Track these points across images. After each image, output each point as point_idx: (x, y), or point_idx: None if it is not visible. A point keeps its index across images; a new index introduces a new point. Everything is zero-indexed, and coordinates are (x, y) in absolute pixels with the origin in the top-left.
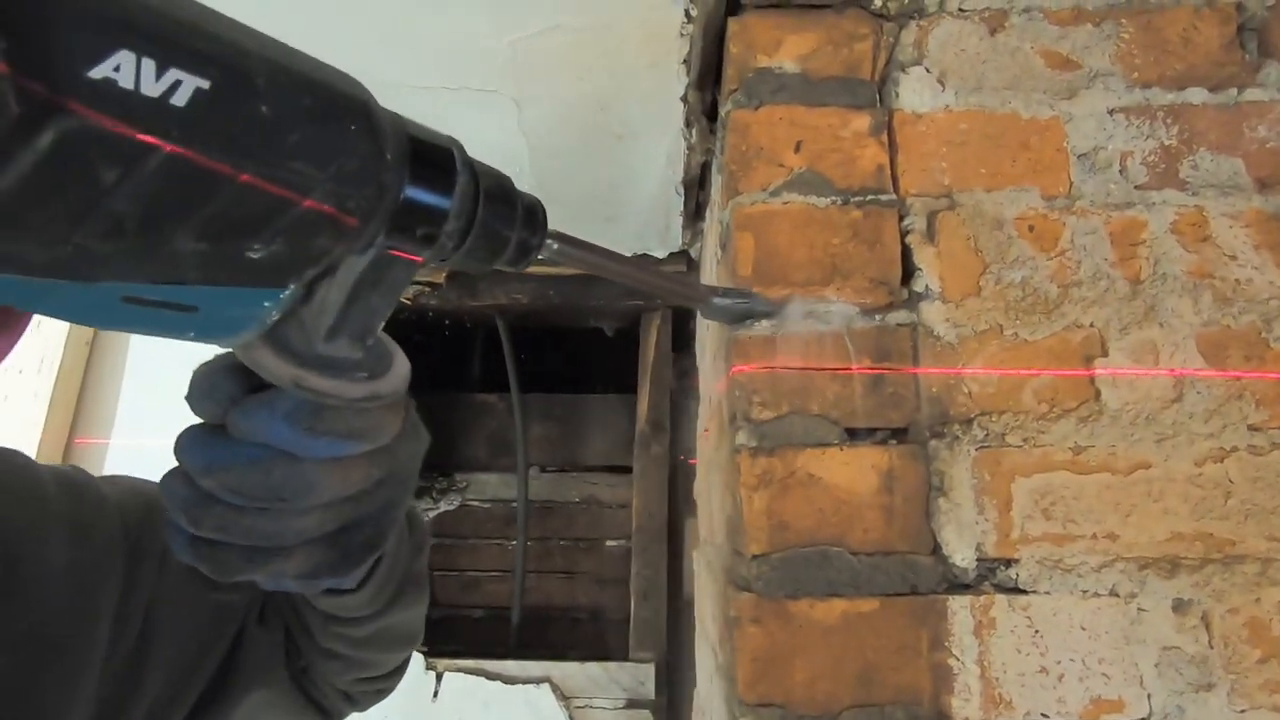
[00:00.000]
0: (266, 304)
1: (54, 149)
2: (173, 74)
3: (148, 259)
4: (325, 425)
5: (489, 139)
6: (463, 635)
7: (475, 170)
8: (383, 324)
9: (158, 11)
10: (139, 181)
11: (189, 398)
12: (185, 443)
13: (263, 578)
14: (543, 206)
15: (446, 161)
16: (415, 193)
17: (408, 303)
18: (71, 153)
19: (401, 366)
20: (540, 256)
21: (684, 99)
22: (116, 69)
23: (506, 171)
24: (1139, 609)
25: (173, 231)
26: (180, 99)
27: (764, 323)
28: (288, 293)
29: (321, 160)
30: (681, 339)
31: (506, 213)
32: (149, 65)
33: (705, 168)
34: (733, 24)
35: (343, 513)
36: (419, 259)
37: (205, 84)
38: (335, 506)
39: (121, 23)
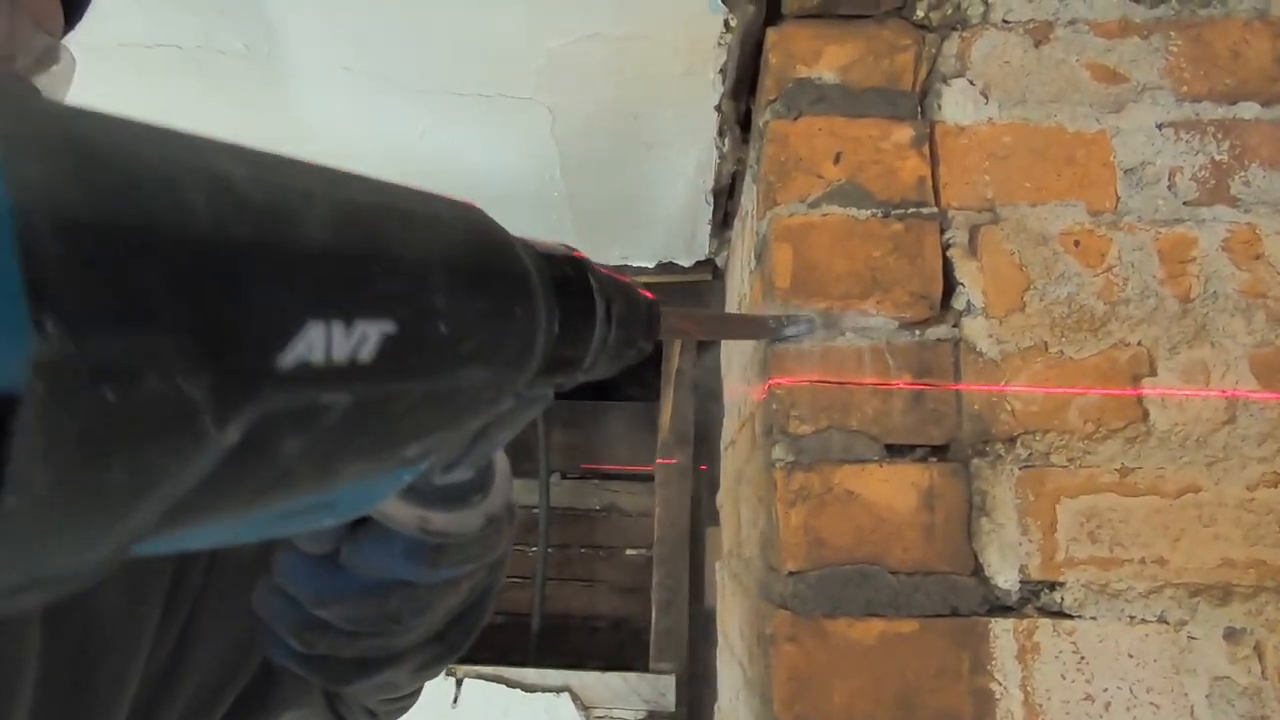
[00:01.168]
0: (405, 477)
1: (243, 441)
2: (359, 328)
3: (310, 492)
4: (447, 559)
5: (522, 146)
6: (482, 642)
7: (606, 288)
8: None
9: (340, 256)
10: (320, 437)
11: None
12: (290, 570)
13: (374, 684)
14: (656, 305)
15: (588, 301)
16: (563, 346)
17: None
18: (258, 438)
19: (503, 472)
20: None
21: (718, 108)
22: (308, 347)
23: (538, 179)
24: (1189, 637)
25: (343, 465)
26: (367, 354)
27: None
28: (426, 465)
29: (491, 357)
30: (705, 348)
31: (635, 330)
32: (338, 329)
33: (735, 177)
34: (772, 34)
35: (451, 615)
36: (550, 396)
37: (390, 328)
38: (447, 613)
39: (309, 292)
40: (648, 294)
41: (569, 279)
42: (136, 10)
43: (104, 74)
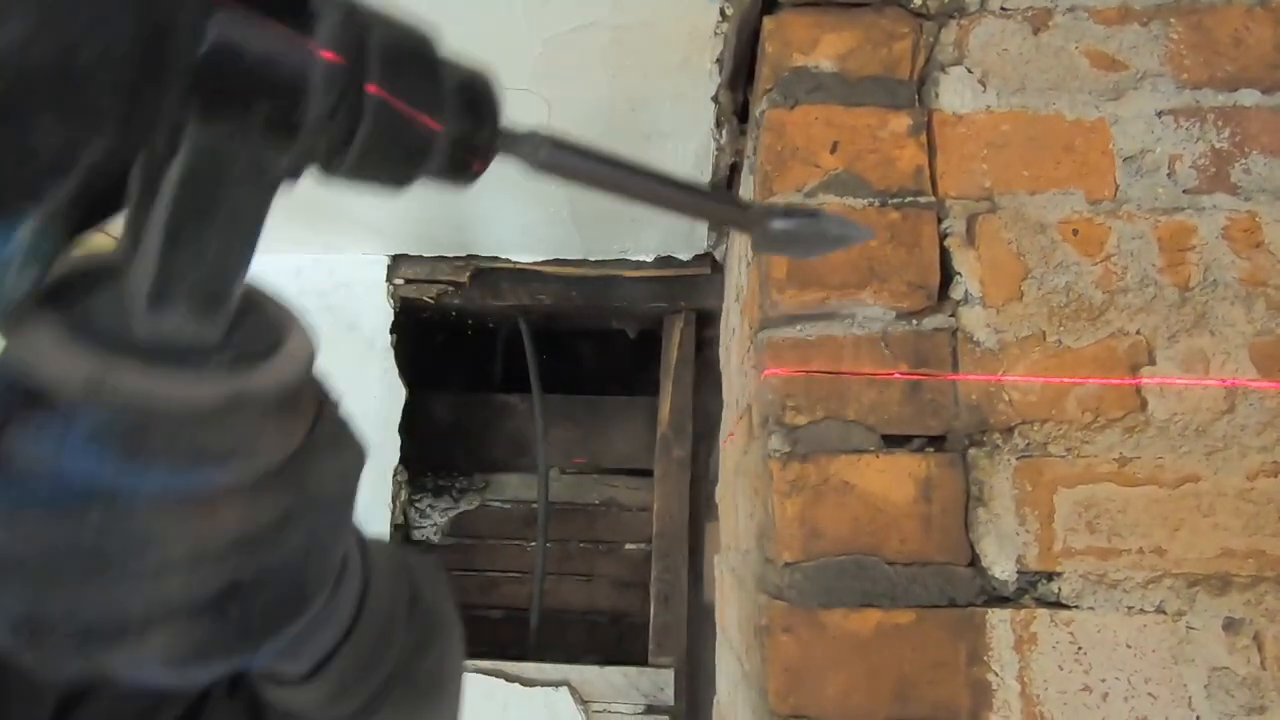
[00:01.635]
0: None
1: None
2: None
3: None
4: (154, 446)
5: None
6: (481, 636)
7: (362, 13)
8: (244, 274)
9: None
10: None
11: None
12: None
13: (115, 670)
14: (491, 84)
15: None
16: (228, 36)
17: (430, 301)
18: None
19: (297, 345)
20: (517, 162)
21: (715, 99)
22: None
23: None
24: (1188, 627)
25: None
26: None
27: (801, 325)
28: (27, 227)
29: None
30: (704, 341)
31: (420, 87)
32: None
33: (734, 168)
34: (768, 22)
35: (227, 569)
36: (269, 163)
37: None
38: (211, 562)
39: None
40: (485, 73)
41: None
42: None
43: None
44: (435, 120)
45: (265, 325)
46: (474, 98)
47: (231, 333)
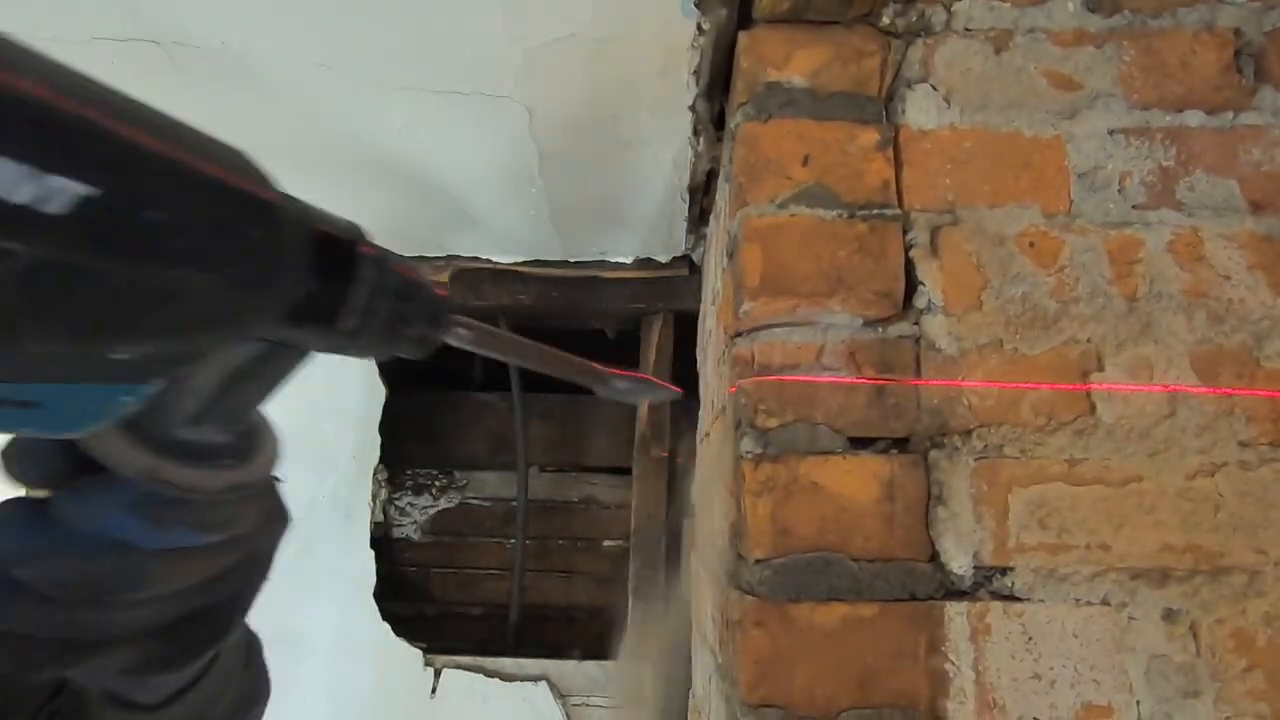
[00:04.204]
0: (124, 399)
1: None
2: (54, 180)
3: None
4: (175, 518)
5: (499, 143)
6: (461, 632)
7: (380, 263)
8: (259, 409)
9: (40, 106)
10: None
11: (6, 460)
12: None
13: (77, 673)
14: (446, 302)
15: (348, 257)
16: (312, 291)
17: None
18: None
19: (270, 447)
20: (450, 342)
21: (692, 108)
22: None
23: (516, 176)
24: (1130, 618)
25: (26, 332)
26: (59, 206)
27: (772, 331)
28: (152, 388)
29: (211, 264)
30: (683, 342)
31: (409, 309)
32: (26, 173)
33: (710, 175)
34: (743, 38)
35: (183, 603)
36: (307, 352)
37: (89, 192)
38: (175, 598)
39: None
40: (441, 290)
41: (336, 239)
42: (112, 5)
43: (81, 69)
44: (412, 330)
45: (251, 428)
46: (436, 313)
47: (235, 437)
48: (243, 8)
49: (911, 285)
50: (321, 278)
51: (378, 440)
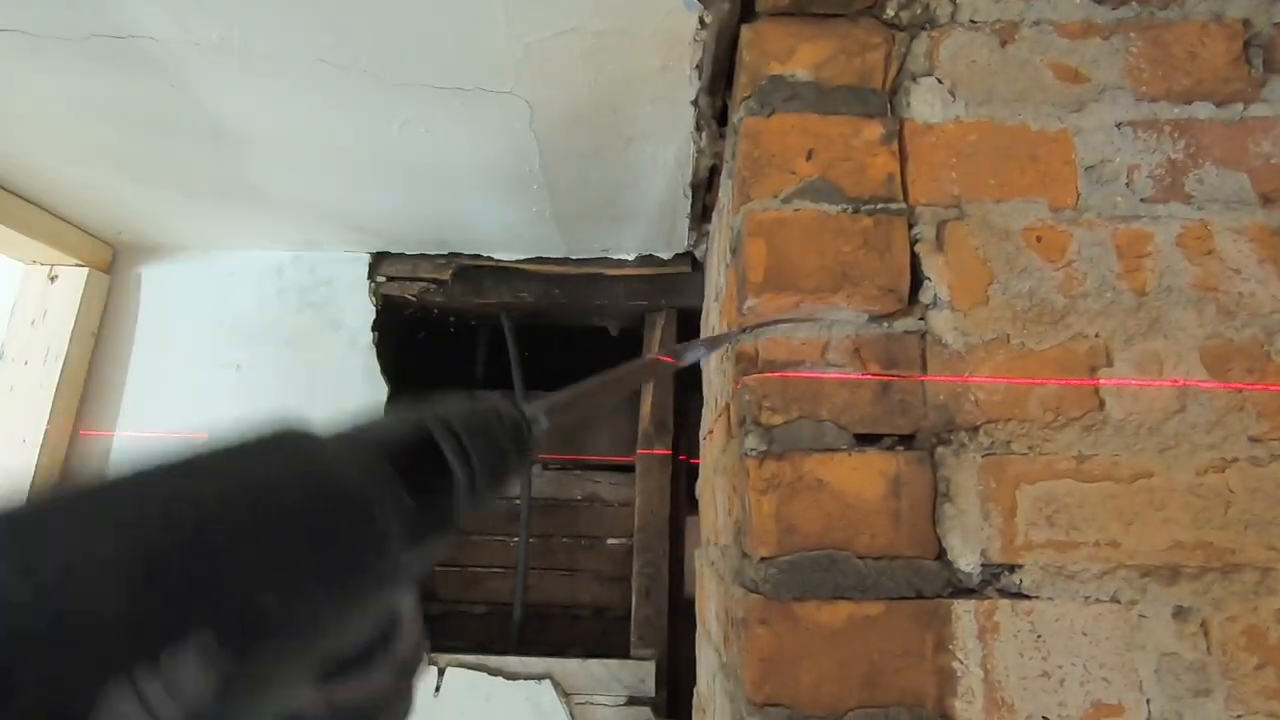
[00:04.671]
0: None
1: None
2: (176, 662)
3: None
4: None
5: (500, 138)
6: (464, 631)
7: (464, 447)
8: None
9: (133, 616)
10: None
11: None
12: None
13: None
14: (524, 416)
15: (440, 470)
16: (423, 517)
17: (413, 299)
18: None
19: (409, 611)
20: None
21: (694, 103)
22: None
23: (517, 172)
24: (1139, 615)
25: None
26: (193, 685)
27: (777, 327)
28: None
29: (334, 593)
30: (685, 339)
31: (505, 461)
32: (148, 684)
33: (713, 171)
34: (746, 31)
35: None
36: (436, 549)
37: (208, 637)
38: None
39: (96, 661)
40: (517, 413)
41: (415, 457)
42: (111, 2)
43: (79, 67)
44: (511, 467)
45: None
46: (519, 437)
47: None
48: (244, 3)
49: (917, 280)
50: (424, 502)
51: None
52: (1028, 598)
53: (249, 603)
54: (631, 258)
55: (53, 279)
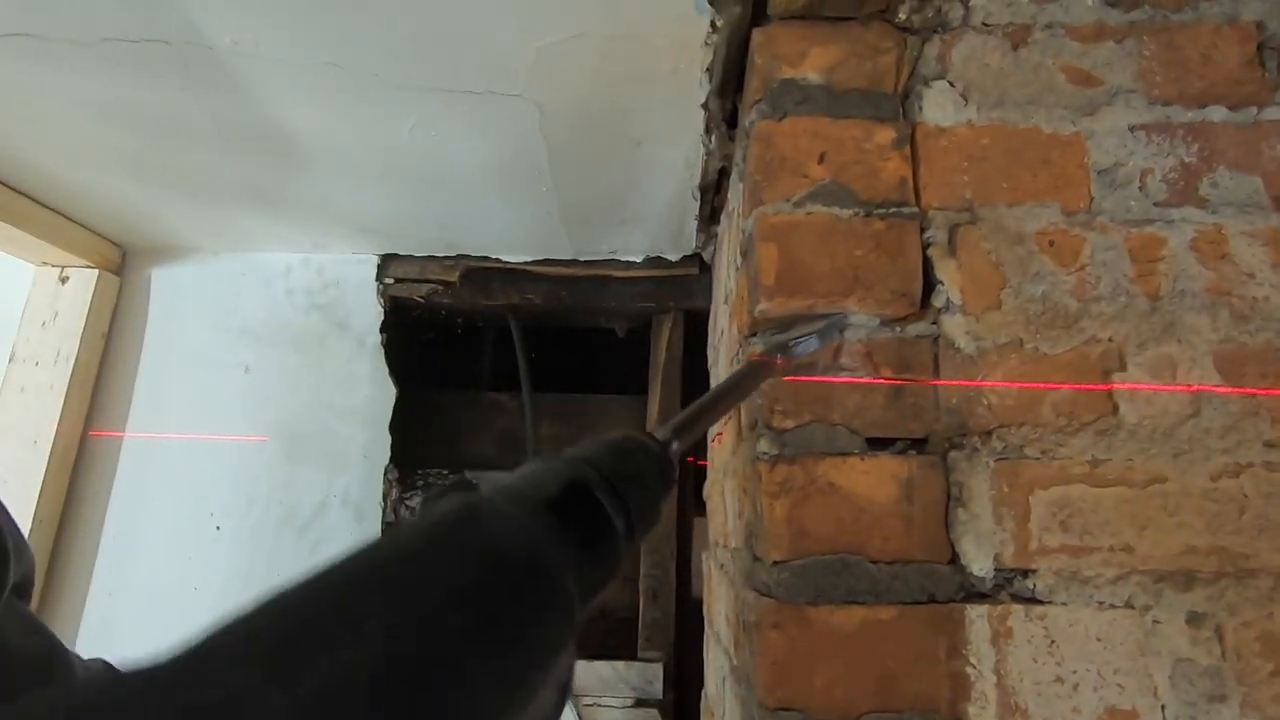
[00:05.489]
0: None
1: None
2: None
3: None
4: None
5: (509, 141)
6: None
7: (624, 498)
8: None
9: None
10: None
11: None
12: None
13: None
14: (667, 454)
15: (607, 530)
16: (596, 574)
17: (420, 301)
18: None
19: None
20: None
21: (705, 106)
22: None
23: (526, 174)
24: (1154, 621)
25: None
26: None
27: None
28: None
29: (546, 668)
30: (693, 341)
31: (656, 502)
32: None
33: (722, 173)
34: (757, 35)
35: None
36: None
37: None
38: None
39: None
40: (654, 445)
41: (586, 523)
42: (123, 4)
43: (92, 68)
44: (662, 500)
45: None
46: (664, 472)
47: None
48: (254, 7)
49: (929, 284)
50: (596, 561)
51: (389, 440)
52: (1041, 603)
53: (473, 698)
54: (639, 259)
55: (64, 281)
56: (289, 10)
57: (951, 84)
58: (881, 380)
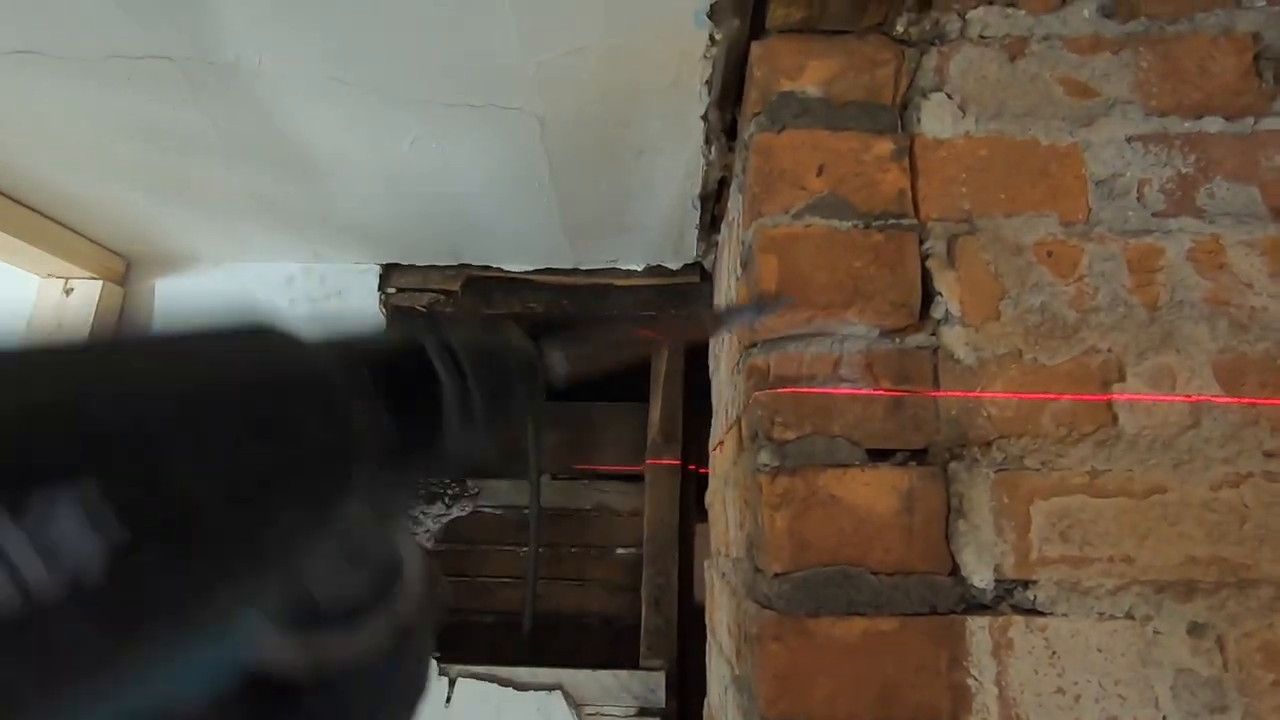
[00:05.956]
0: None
1: None
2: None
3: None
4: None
5: (511, 154)
6: (474, 641)
7: (459, 363)
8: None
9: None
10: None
11: None
12: None
13: None
14: (536, 351)
15: (427, 381)
16: (406, 431)
17: (422, 310)
18: None
19: (411, 559)
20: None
21: (704, 118)
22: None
23: (527, 185)
24: (1155, 631)
25: (121, 660)
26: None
27: (788, 343)
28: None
29: (285, 486)
30: (694, 350)
31: (507, 385)
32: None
33: (722, 183)
34: (756, 48)
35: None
36: (418, 478)
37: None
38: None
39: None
40: (528, 342)
41: (402, 368)
42: (129, 21)
43: (95, 85)
44: (515, 399)
45: (390, 551)
46: (530, 370)
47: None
48: (257, 23)
49: (928, 295)
50: (407, 413)
51: None
52: (1042, 614)
53: (168, 478)
54: (640, 268)
55: (68, 292)
56: (293, 27)
57: (949, 96)
58: (881, 392)
